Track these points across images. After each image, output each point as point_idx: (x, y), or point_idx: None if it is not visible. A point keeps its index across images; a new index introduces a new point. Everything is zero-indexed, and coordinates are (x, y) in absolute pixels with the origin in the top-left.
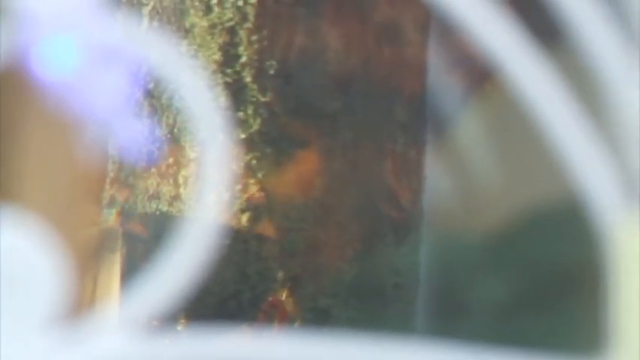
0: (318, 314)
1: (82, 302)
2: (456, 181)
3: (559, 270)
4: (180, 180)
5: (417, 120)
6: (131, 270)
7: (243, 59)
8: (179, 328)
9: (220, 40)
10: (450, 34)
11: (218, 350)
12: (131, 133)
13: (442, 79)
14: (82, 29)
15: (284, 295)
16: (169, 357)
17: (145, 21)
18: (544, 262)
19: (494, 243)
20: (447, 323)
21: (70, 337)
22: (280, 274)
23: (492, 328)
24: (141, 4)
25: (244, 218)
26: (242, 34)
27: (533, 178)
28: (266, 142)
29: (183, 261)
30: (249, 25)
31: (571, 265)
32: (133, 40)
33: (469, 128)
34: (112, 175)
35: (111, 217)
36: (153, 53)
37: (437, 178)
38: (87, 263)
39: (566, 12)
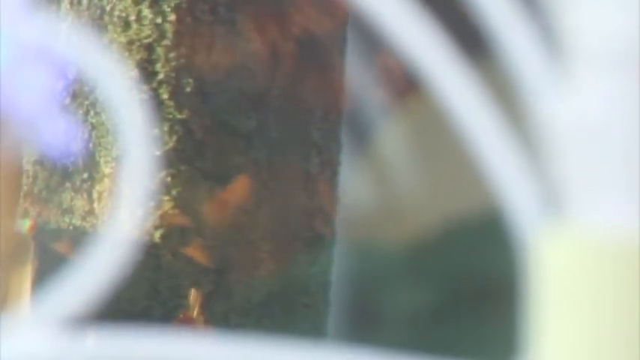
0: (229, 332)
1: None
2: (377, 194)
3: (479, 280)
4: (95, 195)
5: (331, 141)
6: (42, 281)
7: (161, 76)
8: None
9: (138, 57)
10: (368, 50)
11: (131, 350)
12: (47, 145)
13: (361, 96)
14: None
15: (195, 313)
16: (82, 356)
17: (63, 36)
18: (464, 273)
19: (416, 255)
20: (362, 339)
21: None
22: (192, 291)
23: (410, 338)
24: (59, 19)
25: (157, 234)
26: (160, 51)
27: (455, 190)
28: (181, 159)
29: (95, 275)
30: (167, 42)
31: (491, 275)
32: (59, 47)
33: (391, 142)
34: (25, 188)
35: (24, 229)
36: (76, 62)
37: (355, 193)
38: None
39: (489, 23)
